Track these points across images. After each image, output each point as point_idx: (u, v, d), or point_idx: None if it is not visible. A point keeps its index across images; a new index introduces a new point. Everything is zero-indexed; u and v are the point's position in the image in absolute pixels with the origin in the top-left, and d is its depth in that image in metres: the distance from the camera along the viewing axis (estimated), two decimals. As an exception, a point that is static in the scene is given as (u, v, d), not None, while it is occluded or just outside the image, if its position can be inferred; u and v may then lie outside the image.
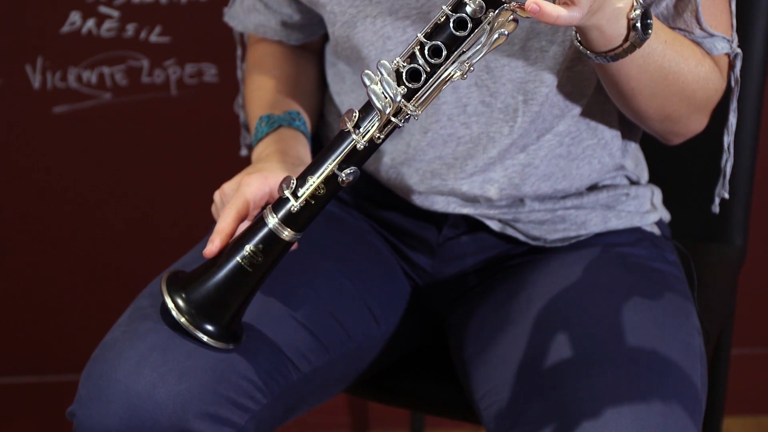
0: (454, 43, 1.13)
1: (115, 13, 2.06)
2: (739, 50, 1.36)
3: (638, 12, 1.19)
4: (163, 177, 2.17)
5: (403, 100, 1.15)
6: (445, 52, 1.13)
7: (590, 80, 1.37)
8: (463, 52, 1.13)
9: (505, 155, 1.37)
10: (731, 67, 1.37)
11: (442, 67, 1.14)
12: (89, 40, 2.07)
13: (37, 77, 2.10)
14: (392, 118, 1.16)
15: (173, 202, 2.18)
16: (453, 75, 1.14)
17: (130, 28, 2.08)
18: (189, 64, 2.11)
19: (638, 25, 1.20)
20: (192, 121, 2.14)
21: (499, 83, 1.34)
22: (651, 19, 1.21)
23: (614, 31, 1.20)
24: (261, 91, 1.48)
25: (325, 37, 1.51)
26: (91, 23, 2.07)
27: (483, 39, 1.13)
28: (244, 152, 1.61)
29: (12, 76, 2.09)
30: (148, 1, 2.06)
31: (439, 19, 1.14)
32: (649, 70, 1.27)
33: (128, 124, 2.14)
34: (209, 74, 2.12)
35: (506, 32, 1.13)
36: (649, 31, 1.21)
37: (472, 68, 1.15)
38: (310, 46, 1.53)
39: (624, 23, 1.20)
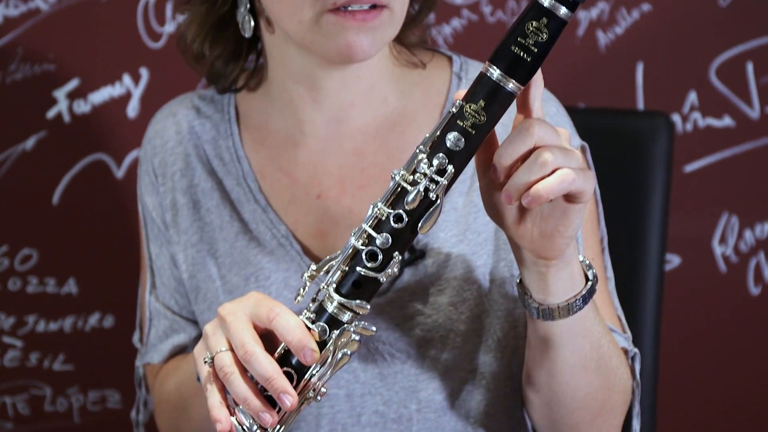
0: (301, 369, 1.14)
1: (19, 343, 2.08)
2: (636, 349, 1.36)
3: (587, 285, 1.20)
4: None
5: (259, 429, 1.15)
6: (295, 377, 1.14)
7: (486, 389, 1.37)
8: (313, 375, 1.14)
9: None
10: (631, 369, 1.35)
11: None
12: (-9, 371, 2.08)
13: (-63, 411, 2.09)
14: None
15: None
16: (306, 399, 1.15)
17: (33, 357, 2.08)
18: (92, 391, 2.11)
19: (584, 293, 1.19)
20: (94, 450, 2.12)
21: (392, 391, 1.35)
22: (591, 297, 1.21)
23: (560, 283, 1.18)
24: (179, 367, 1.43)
25: None
26: (-6, 355, 2.08)
27: (328, 361, 1.14)
28: None
29: None
30: (51, 330, 2.08)
31: (284, 348, 1.15)
32: (585, 345, 1.25)
33: (29, 454, 2.11)
34: (113, 400, 2.12)
35: (349, 352, 1.14)
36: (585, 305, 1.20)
37: (324, 389, 1.15)
38: None
39: (569, 284, 1.19)
